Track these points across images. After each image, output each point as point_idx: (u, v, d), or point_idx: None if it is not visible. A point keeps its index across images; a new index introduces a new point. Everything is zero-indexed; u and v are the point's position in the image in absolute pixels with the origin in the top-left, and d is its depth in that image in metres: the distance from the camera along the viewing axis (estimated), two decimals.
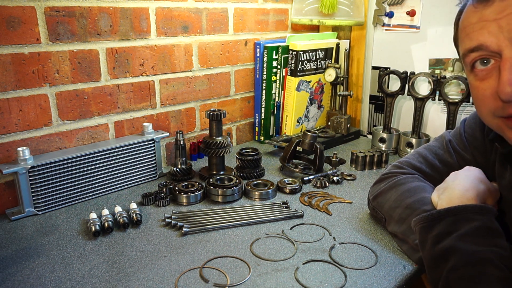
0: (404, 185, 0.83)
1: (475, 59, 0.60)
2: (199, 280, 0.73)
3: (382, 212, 0.87)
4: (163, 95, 1.23)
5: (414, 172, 0.88)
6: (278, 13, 1.50)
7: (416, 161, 0.89)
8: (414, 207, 0.77)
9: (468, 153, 0.84)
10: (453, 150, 0.86)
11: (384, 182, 0.90)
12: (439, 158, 0.87)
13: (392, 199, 0.84)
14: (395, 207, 0.82)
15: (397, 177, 0.88)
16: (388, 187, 0.87)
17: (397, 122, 1.50)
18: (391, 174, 0.90)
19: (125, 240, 0.86)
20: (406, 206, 0.79)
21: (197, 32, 1.26)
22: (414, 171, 0.88)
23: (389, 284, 0.72)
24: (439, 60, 1.35)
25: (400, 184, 0.85)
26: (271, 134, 1.50)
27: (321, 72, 1.49)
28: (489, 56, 0.58)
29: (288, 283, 0.72)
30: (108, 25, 1.06)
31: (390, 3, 1.41)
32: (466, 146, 0.84)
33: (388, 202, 0.85)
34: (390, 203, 0.84)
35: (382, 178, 0.92)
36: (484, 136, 0.80)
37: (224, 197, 1.03)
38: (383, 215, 0.87)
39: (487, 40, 0.57)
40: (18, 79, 0.95)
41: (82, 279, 0.73)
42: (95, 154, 1.04)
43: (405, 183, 0.84)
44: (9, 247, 0.83)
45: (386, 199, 0.86)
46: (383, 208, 0.87)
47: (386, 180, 0.89)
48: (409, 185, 0.83)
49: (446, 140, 0.88)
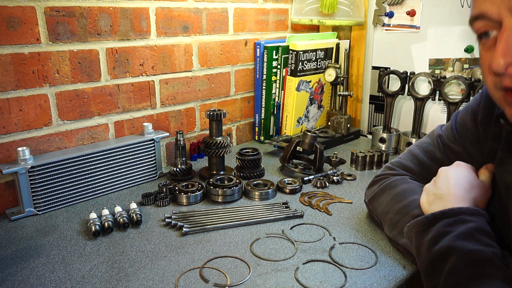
0: (394, 189, 0.83)
1: (480, 30, 0.59)
2: (199, 280, 0.73)
3: (377, 215, 0.88)
4: (163, 95, 1.23)
5: (404, 173, 0.88)
6: (278, 13, 1.50)
7: (407, 160, 0.89)
8: (403, 212, 0.77)
9: (459, 145, 0.82)
10: (443, 145, 0.85)
11: (376, 185, 0.91)
12: (429, 155, 0.86)
13: (384, 204, 0.84)
14: (386, 212, 0.83)
15: (388, 179, 0.88)
16: (379, 190, 0.88)
17: (397, 122, 1.50)
18: (382, 176, 0.90)
19: (125, 240, 0.86)
20: (395, 212, 0.79)
21: (197, 32, 1.26)
22: (404, 171, 0.88)
23: (389, 284, 0.72)
24: (439, 60, 1.35)
25: (390, 187, 0.85)
26: (271, 134, 1.50)
27: (321, 72, 1.49)
28: (491, 27, 0.57)
29: (288, 283, 0.72)
30: (108, 25, 1.06)
31: (390, 3, 1.41)
32: (457, 138, 0.83)
33: (380, 206, 0.86)
34: (382, 208, 0.85)
35: (375, 180, 0.92)
36: (477, 125, 0.78)
37: (224, 197, 1.03)
38: (378, 219, 0.88)
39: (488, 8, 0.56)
40: (18, 79, 0.95)
41: (82, 279, 0.73)
42: (95, 154, 1.04)
43: (394, 186, 0.84)
44: (9, 247, 0.83)
45: (378, 203, 0.87)
46: (377, 212, 0.88)
47: (378, 183, 0.90)
48: (398, 188, 0.83)
49: (436, 135, 0.87)
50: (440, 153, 0.84)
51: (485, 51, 0.60)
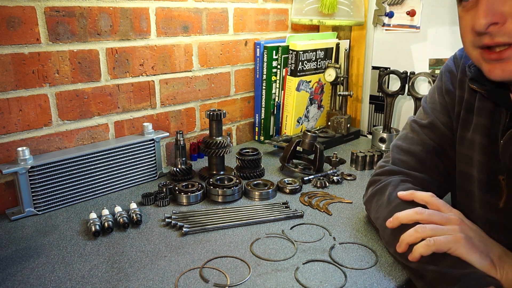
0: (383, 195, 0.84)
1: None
2: (199, 280, 0.73)
3: (372, 219, 0.89)
4: (163, 95, 1.23)
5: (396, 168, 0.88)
6: (278, 13, 1.50)
7: (394, 154, 0.90)
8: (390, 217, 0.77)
9: (432, 118, 0.85)
10: (419, 126, 0.87)
11: (369, 188, 0.91)
12: (411, 141, 0.88)
13: (375, 210, 0.85)
14: (376, 218, 0.84)
15: (379, 183, 0.88)
16: (370, 196, 0.89)
17: (397, 122, 1.50)
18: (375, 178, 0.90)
19: (125, 240, 0.86)
20: (383, 219, 0.79)
21: (197, 32, 1.26)
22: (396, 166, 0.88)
23: (389, 284, 0.72)
24: (439, 60, 1.35)
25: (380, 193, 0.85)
26: (271, 134, 1.50)
27: (321, 72, 1.49)
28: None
29: (288, 283, 0.72)
30: (108, 25, 1.06)
31: (390, 3, 1.41)
32: (429, 113, 0.86)
33: (372, 211, 0.87)
34: (373, 214, 0.86)
35: (370, 182, 0.92)
36: (443, 97, 0.83)
37: (224, 197, 1.03)
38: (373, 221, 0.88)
39: None
40: (18, 79, 0.95)
41: (82, 279, 0.73)
42: (95, 154, 1.04)
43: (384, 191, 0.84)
44: (9, 247, 0.83)
45: (372, 207, 0.87)
46: (371, 216, 0.89)
47: (371, 187, 0.90)
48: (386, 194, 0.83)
49: (410, 122, 0.91)
50: (419, 135, 0.87)
51: (464, 12, 0.64)
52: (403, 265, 0.74)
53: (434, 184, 0.85)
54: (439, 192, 0.82)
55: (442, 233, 0.66)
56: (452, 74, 0.82)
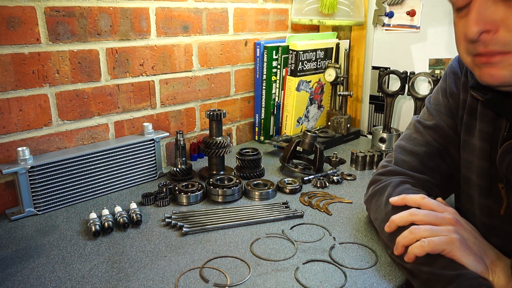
0: (382, 196, 0.84)
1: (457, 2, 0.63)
2: (199, 280, 0.73)
3: (372, 219, 0.89)
4: (163, 95, 1.23)
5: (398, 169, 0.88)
6: (278, 13, 1.50)
7: (397, 154, 0.90)
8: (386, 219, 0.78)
9: (437, 120, 0.85)
10: (423, 127, 0.87)
11: (371, 187, 0.91)
12: (415, 142, 0.88)
13: (374, 210, 0.85)
14: (375, 219, 0.84)
15: (379, 183, 0.88)
16: (369, 196, 0.89)
17: (397, 122, 1.50)
18: (376, 178, 0.91)
19: (125, 240, 0.86)
20: (381, 220, 0.80)
21: (197, 32, 1.26)
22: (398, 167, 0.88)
23: (389, 284, 0.72)
24: (439, 60, 1.35)
25: (380, 193, 0.85)
26: (271, 134, 1.50)
27: (321, 72, 1.49)
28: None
29: (288, 283, 0.72)
30: (108, 25, 1.06)
31: (390, 3, 1.41)
32: (433, 115, 0.86)
33: (372, 211, 0.87)
34: (373, 214, 0.86)
35: (371, 181, 0.92)
36: (447, 99, 0.83)
37: (224, 197, 1.03)
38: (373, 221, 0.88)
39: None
40: (18, 79, 0.95)
41: (82, 279, 0.73)
42: (95, 154, 1.04)
43: (383, 192, 0.84)
44: (9, 247, 0.83)
45: (371, 207, 0.88)
46: (371, 216, 0.89)
47: (372, 186, 0.90)
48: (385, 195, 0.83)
49: (414, 123, 0.90)
50: (423, 136, 0.87)
51: (458, 19, 0.65)
52: (400, 266, 0.75)
53: (436, 186, 0.85)
54: (441, 193, 0.82)
55: (436, 234, 0.67)
56: (457, 76, 0.81)
